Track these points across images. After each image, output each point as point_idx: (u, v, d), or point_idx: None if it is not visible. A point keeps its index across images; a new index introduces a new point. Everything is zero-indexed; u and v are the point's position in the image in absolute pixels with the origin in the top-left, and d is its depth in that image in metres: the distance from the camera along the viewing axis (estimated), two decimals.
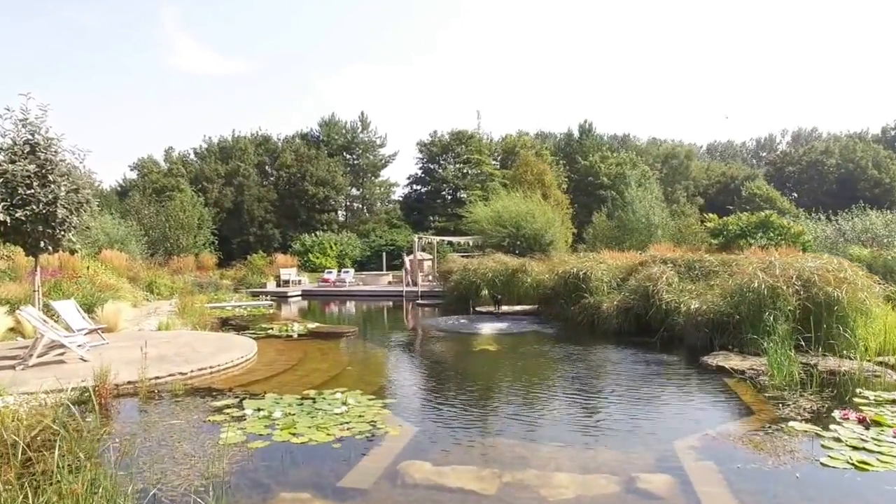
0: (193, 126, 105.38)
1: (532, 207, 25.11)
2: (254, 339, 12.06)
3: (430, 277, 28.24)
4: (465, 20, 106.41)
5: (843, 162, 57.52)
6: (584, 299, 14.24)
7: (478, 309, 17.46)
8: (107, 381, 7.00)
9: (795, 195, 58.87)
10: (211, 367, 8.42)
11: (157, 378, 7.69)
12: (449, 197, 51.28)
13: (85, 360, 8.69)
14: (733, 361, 8.90)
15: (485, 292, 18.04)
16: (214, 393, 7.32)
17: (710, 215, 21.75)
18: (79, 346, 8.82)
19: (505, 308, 17.08)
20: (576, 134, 60.76)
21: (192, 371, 8.11)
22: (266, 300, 23.28)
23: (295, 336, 12.67)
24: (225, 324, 15.26)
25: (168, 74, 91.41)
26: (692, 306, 11.07)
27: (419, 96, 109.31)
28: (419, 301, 21.66)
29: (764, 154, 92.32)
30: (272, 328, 13.53)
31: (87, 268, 18.80)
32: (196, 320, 14.16)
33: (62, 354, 8.99)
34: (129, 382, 7.42)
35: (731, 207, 44.60)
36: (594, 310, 13.75)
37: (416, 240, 28.16)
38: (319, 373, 8.61)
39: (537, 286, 16.72)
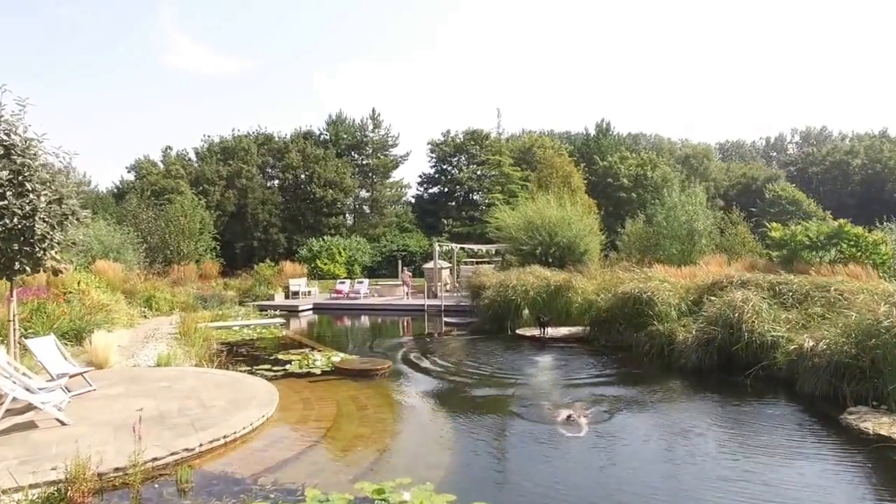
0: (193, 127, 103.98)
1: (569, 213, 23.15)
2: (270, 377, 10.17)
3: (449, 287, 26.33)
4: (469, 18, 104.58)
5: (869, 162, 55.80)
6: (650, 326, 12.33)
7: (518, 332, 15.48)
8: (86, 474, 5.08)
9: (816, 197, 57.22)
10: (225, 437, 6.47)
11: (156, 460, 5.74)
12: (462, 199, 49.35)
13: (63, 424, 6.78)
14: (887, 425, 6.98)
15: (525, 312, 16.09)
16: (235, 486, 5.37)
17: (773, 224, 19.76)
18: (56, 405, 6.89)
19: (549, 331, 15.18)
20: (593, 133, 59.04)
21: (200, 445, 6.16)
22: (276, 315, 21.40)
23: (318, 372, 10.73)
24: (233, 352, 13.32)
25: (166, 74, 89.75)
26: (806, 344, 9.11)
27: (427, 97, 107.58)
28: (446, 319, 19.64)
29: (774, 154, 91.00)
30: (290, 362, 11.57)
31: (79, 283, 16.84)
32: (200, 350, 12.22)
33: (36, 413, 7.06)
34: (116, 470, 5.47)
35: (753, 209, 42.61)
36: (664, 339, 11.84)
37: (437, 247, 26.19)
38: (364, 444, 6.66)
39: (589, 307, 14.80)
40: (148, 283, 22.29)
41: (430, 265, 26.92)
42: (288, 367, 11.11)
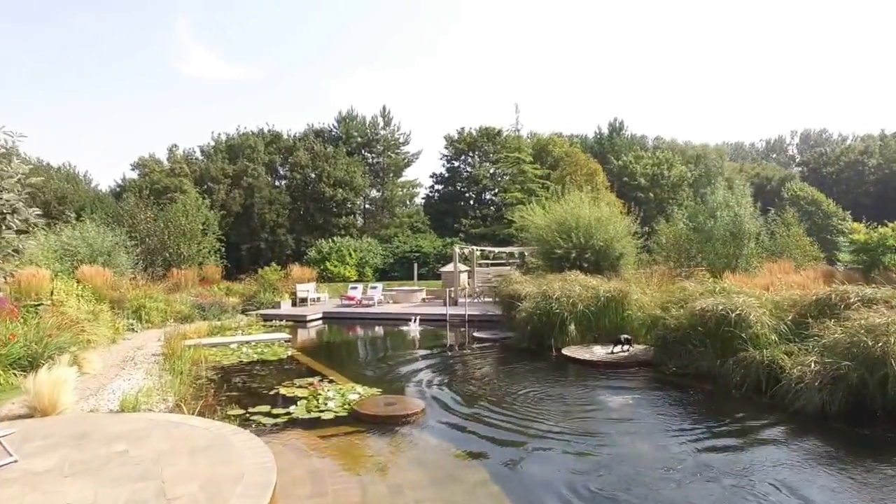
0: (204, 132, 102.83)
1: (605, 214, 20.75)
2: (269, 426, 7.85)
3: (468, 291, 23.94)
4: (472, 21, 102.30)
5: (885, 162, 54.44)
6: (742, 352, 9.87)
7: (563, 352, 13.05)
8: None
9: (832, 197, 55.23)
10: None
11: None
12: (475, 198, 47.03)
13: None
14: None
15: (572, 328, 13.65)
16: None
17: (855, 225, 17.29)
18: None
19: (597, 349, 12.80)
20: (606, 132, 57.47)
21: None
22: (282, 326, 19.18)
23: (331, 417, 8.36)
24: (226, 383, 10.99)
25: (180, 80, 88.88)
26: None
27: (436, 102, 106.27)
28: (475, 333, 17.12)
29: (774, 155, 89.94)
30: (295, 401, 9.21)
31: (52, 292, 14.61)
32: (184, 382, 9.90)
33: None
34: None
35: (770, 208, 40.32)
36: (763, 370, 9.37)
37: (457, 250, 23.84)
38: None
39: (652, 325, 12.36)
40: (139, 290, 20.10)
41: (449, 268, 24.68)
42: (292, 409, 8.71)
